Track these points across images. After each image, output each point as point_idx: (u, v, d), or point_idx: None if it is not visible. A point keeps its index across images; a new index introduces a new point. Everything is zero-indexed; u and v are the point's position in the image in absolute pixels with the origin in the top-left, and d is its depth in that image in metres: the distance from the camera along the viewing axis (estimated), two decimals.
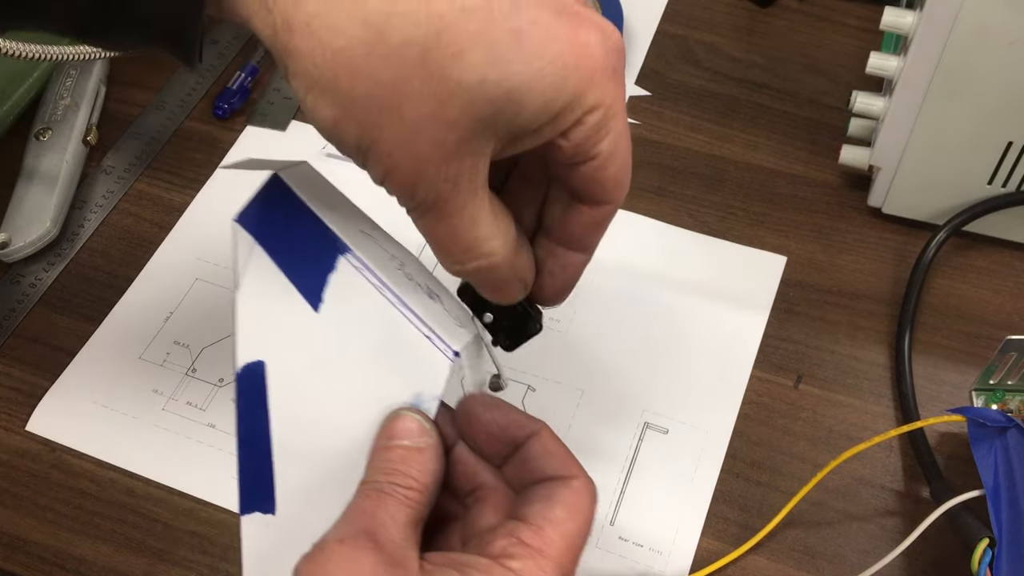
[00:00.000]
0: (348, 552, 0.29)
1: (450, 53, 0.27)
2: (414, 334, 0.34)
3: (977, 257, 0.54)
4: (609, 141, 0.30)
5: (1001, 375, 0.47)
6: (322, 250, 0.34)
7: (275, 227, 0.34)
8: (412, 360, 0.34)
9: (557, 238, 0.34)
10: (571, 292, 0.36)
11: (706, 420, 0.49)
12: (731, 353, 0.52)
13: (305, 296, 0.34)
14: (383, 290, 0.34)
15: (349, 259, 0.34)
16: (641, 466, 0.48)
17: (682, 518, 0.47)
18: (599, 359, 0.52)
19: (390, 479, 0.31)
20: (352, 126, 0.29)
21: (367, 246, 0.35)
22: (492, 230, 0.32)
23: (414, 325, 0.34)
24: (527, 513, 0.31)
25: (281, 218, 0.34)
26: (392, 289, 0.34)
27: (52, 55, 0.52)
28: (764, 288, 0.54)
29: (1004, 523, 0.39)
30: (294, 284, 0.34)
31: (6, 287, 0.56)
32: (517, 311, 0.36)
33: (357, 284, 0.34)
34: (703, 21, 0.67)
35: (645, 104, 0.62)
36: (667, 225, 0.57)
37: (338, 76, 0.28)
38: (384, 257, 0.35)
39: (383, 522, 0.30)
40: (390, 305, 0.34)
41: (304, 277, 0.34)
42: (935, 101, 0.48)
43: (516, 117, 0.29)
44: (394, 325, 0.34)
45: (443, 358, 0.34)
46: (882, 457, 0.48)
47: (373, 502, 0.31)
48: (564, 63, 0.28)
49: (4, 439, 0.51)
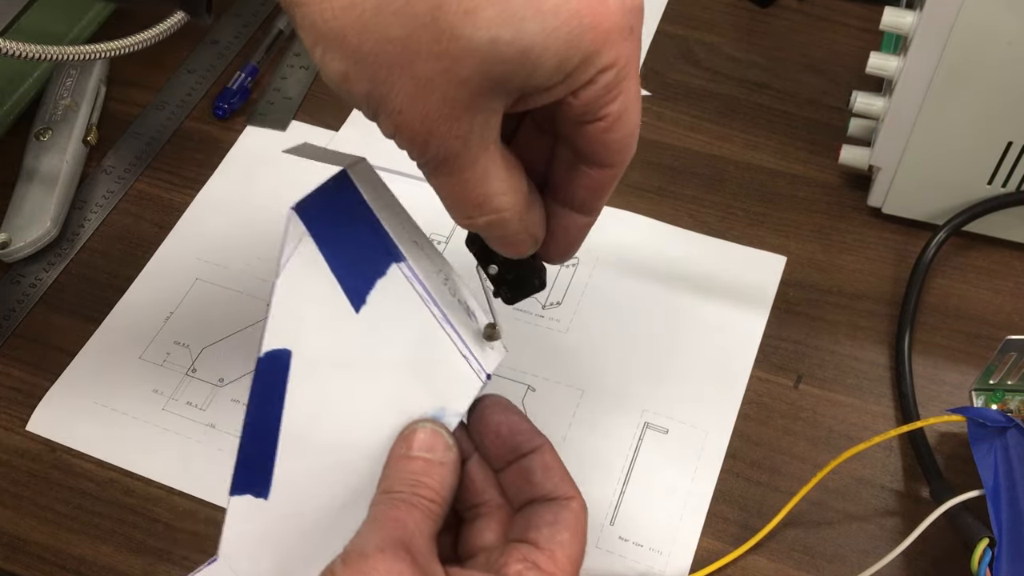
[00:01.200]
0: (390, 562, 0.29)
1: (462, 10, 0.27)
2: (452, 351, 0.34)
3: (977, 257, 0.54)
4: (619, 103, 0.29)
5: (1001, 375, 0.47)
6: (376, 254, 0.34)
7: (332, 222, 0.33)
8: (444, 375, 0.35)
9: (561, 199, 0.34)
10: (576, 251, 0.35)
11: (706, 420, 0.49)
12: (731, 353, 0.52)
13: (348, 295, 0.33)
14: (429, 304, 0.34)
15: (402, 268, 0.34)
16: (641, 466, 0.48)
17: (682, 518, 0.47)
18: (599, 359, 0.52)
19: (415, 491, 0.32)
20: (362, 81, 0.28)
21: (418, 257, 0.35)
22: (504, 185, 0.31)
23: (453, 343, 0.35)
24: (538, 538, 0.32)
25: (340, 214, 0.34)
26: (438, 304, 0.35)
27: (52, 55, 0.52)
28: (764, 288, 0.54)
29: (1004, 523, 0.39)
30: (339, 281, 0.34)
31: (6, 287, 0.56)
32: (523, 266, 0.35)
33: (404, 294, 0.34)
34: (703, 21, 0.67)
35: (645, 104, 0.62)
36: (667, 225, 0.57)
37: (346, 32, 0.27)
38: (432, 269, 0.35)
39: (414, 533, 0.30)
40: (433, 319, 0.34)
41: (351, 276, 0.34)
42: (935, 101, 0.48)
43: (529, 77, 0.28)
44: (433, 339, 0.34)
45: (475, 379, 0.35)
46: (882, 457, 0.48)
47: (404, 512, 0.31)
48: (580, 21, 0.27)
49: (4, 439, 0.51)
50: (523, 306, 0.53)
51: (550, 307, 0.54)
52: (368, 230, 0.34)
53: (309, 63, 0.66)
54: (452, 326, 0.35)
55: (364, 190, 0.34)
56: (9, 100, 0.62)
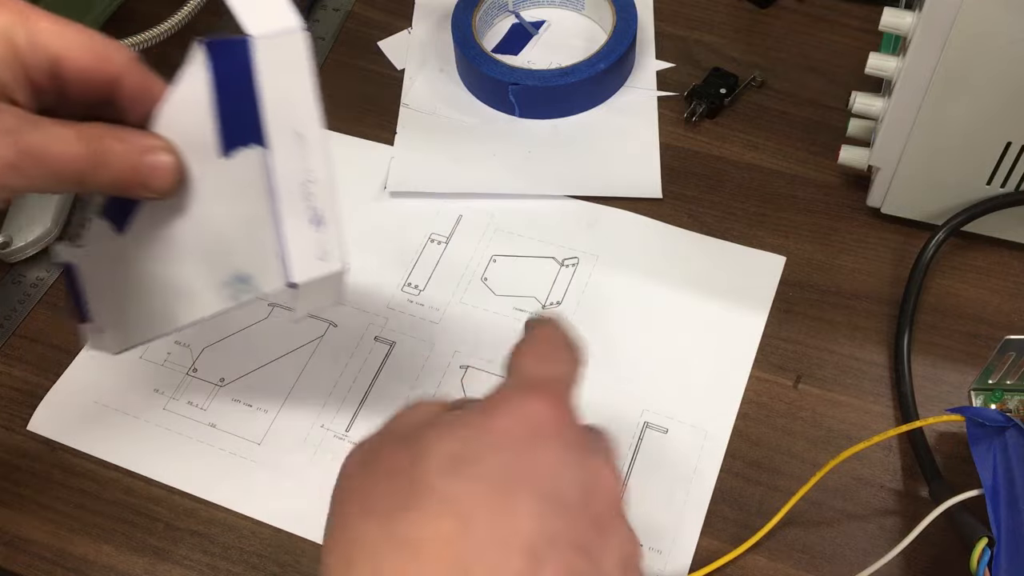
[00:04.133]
0: None
1: None
2: (268, 246, 0.35)
3: (976, 257, 0.54)
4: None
5: (1000, 375, 0.47)
6: (250, 125, 0.35)
7: (226, 75, 0.34)
8: (254, 256, 0.36)
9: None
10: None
11: (706, 420, 0.49)
12: (730, 352, 0.52)
13: (221, 140, 0.35)
14: (269, 197, 0.35)
15: (262, 154, 0.35)
16: (641, 466, 0.48)
17: (682, 517, 0.47)
18: (598, 359, 0.52)
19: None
20: None
21: (286, 151, 0.35)
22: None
23: (274, 239, 0.35)
24: None
25: (235, 73, 0.34)
26: (277, 200, 0.35)
27: None
28: (764, 288, 0.54)
29: (1003, 522, 0.39)
30: (217, 122, 0.35)
31: (7, 287, 0.56)
32: None
33: (250, 177, 0.35)
34: (703, 21, 0.67)
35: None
36: (666, 225, 0.57)
37: None
38: (295, 167, 0.35)
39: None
40: (265, 211, 0.35)
41: (227, 127, 0.35)
42: (934, 101, 0.48)
43: None
44: (256, 225, 0.35)
45: (278, 279, 0.36)
46: (881, 457, 0.48)
47: None
48: None
49: (5, 439, 0.51)
50: (523, 305, 0.54)
51: (550, 307, 0.54)
52: (250, 101, 0.34)
53: None
54: (279, 225, 0.35)
55: (264, 65, 0.34)
56: None
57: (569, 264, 0.55)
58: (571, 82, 0.60)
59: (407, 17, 0.68)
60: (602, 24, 0.65)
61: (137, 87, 0.36)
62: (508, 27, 0.67)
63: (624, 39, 0.61)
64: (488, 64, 0.61)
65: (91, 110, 0.36)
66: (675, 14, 0.67)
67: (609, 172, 0.59)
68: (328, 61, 0.66)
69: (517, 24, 0.67)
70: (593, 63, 0.60)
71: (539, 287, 0.55)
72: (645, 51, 0.65)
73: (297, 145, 0.35)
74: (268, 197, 0.35)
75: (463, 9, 0.64)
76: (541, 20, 0.67)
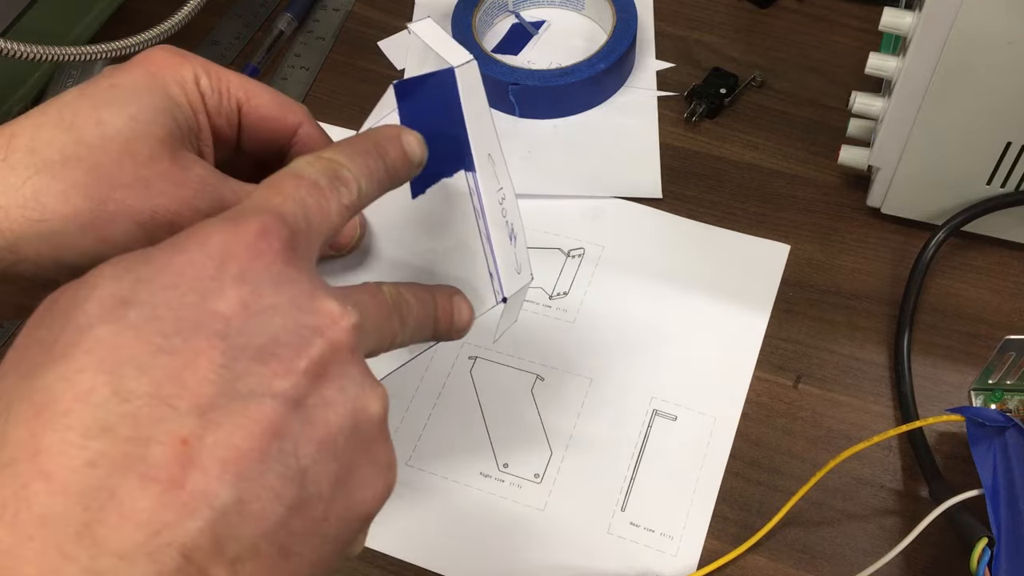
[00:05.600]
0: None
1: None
2: (482, 267, 0.36)
3: (976, 257, 0.54)
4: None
5: (1000, 375, 0.47)
6: (450, 155, 0.35)
7: (422, 111, 0.34)
8: (465, 284, 0.36)
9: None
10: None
11: (714, 407, 0.50)
12: (737, 339, 0.52)
13: (411, 180, 0.34)
14: (479, 218, 0.36)
15: (468, 178, 0.35)
16: (651, 453, 0.48)
17: (692, 503, 0.47)
18: (606, 348, 0.52)
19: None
20: None
21: (487, 170, 0.36)
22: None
23: (486, 259, 0.36)
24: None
25: (433, 107, 0.34)
26: (487, 221, 0.36)
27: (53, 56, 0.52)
28: (769, 276, 0.54)
29: (1003, 522, 0.39)
30: None
31: None
32: None
33: (461, 201, 0.36)
34: (703, 21, 0.67)
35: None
36: (670, 215, 0.57)
37: None
38: (494, 187, 0.36)
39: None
40: (477, 233, 0.36)
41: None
42: (934, 101, 0.48)
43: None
44: (470, 250, 0.36)
45: (491, 298, 0.37)
46: (881, 457, 0.48)
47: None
48: None
49: None
50: (530, 296, 0.54)
51: (557, 297, 0.54)
52: (451, 131, 0.35)
53: (310, 64, 0.66)
54: (491, 244, 0.36)
55: (463, 92, 0.35)
56: (10, 101, 0.62)
57: (575, 255, 0.56)
58: (571, 82, 0.60)
59: (407, 17, 0.68)
60: (602, 24, 0.65)
61: (312, 140, 0.35)
62: (508, 27, 0.67)
63: (624, 39, 0.62)
64: (488, 64, 0.61)
65: (259, 167, 0.35)
66: (675, 14, 0.67)
67: (609, 172, 0.59)
68: (328, 61, 0.66)
69: (517, 24, 0.67)
70: (593, 63, 0.60)
71: (546, 278, 0.55)
72: (645, 51, 0.65)
73: (490, 164, 0.36)
74: (480, 220, 0.36)
75: (463, 9, 0.64)
76: (541, 20, 0.67)
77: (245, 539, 0.23)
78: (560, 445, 0.49)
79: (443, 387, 0.51)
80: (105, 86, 0.32)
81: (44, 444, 0.22)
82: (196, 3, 0.58)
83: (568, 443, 0.49)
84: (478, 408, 0.50)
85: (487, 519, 0.47)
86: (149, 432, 0.23)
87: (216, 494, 0.23)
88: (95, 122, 0.31)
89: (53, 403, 0.23)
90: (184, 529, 0.22)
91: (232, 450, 0.23)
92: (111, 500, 0.22)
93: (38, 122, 0.31)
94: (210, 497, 0.23)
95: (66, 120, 0.30)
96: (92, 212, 0.30)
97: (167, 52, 0.33)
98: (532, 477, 0.48)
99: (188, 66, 0.33)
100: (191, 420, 0.23)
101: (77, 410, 0.22)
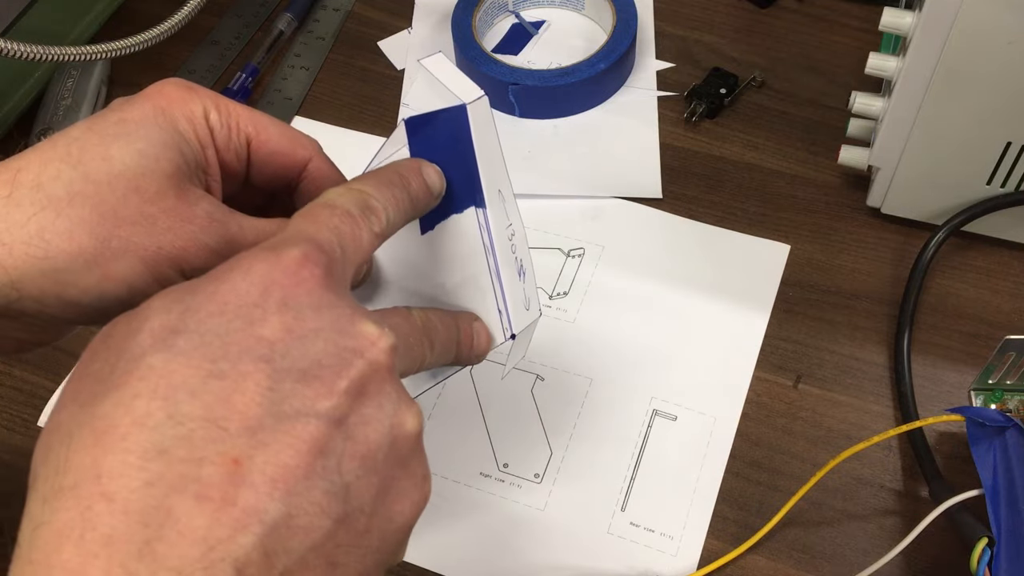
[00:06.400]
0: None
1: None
2: (491, 303, 0.36)
3: (976, 257, 0.55)
4: None
5: (1000, 375, 0.47)
6: (460, 191, 0.35)
7: (433, 147, 0.34)
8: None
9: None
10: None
11: (714, 407, 0.50)
12: (737, 339, 0.52)
13: (420, 216, 0.34)
14: (489, 254, 0.36)
15: (478, 214, 0.35)
16: (651, 453, 0.48)
17: (692, 503, 0.47)
18: (607, 348, 0.52)
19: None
20: None
21: (497, 207, 0.36)
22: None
23: (495, 295, 0.36)
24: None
25: (443, 142, 0.34)
26: (497, 257, 0.36)
27: (53, 55, 0.52)
28: (768, 276, 0.54)
29: (1003, 522, 0.39)
30: None
31: None
32: None
33: (471, 237, 0.35)
34: (703, 21, 0.67)
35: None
36: (670, 215, 0.57)
37: None
38: (503, 223, 0.36)
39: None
40: (487, 269, 0.36)
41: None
42: (934, 101, 0.48)
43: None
44: (478, 286, 0.36)
45: (500, 335, 0.37)
46: (881, 457, 0.48)
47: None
48: None
49: (6, 439, 0.51)
50: None
51: (557, 297, 0.54)
52: (462, 167, 0.35)
53: (310, 64, 0.66)
54: (500, 281, 0.36)
55: (475, 128, 0.34)
56: (10, 101, 0.62)
57: (575, 255, 0.56)
58: (571, 82, 0.60)
59: (407, 17, 0.69)
60: (602, 24, 0.65)
61: (323, 175, 0.35)
62: (508, 27, 0.67)
63: (624, 39, 0.62)
64: (488, 64, 0.61)
65: (268, 200, 0.36)
66: (675, 14, 0.67)
67: (609, 172, 0.59)
68: (328, 61, 0.66)
69: (517, 24, 0.67)
70: (593, 63, 0.60)
71: (546, 278, 0.55)
72: (645, 51, 0.65)
73: (500, 201, 0.36)
74: (489, 256, 0.36)
75: (463, 9, 0.64)
76: (541, 20, 0.67)
77: (294, 552, 0.24)
78: (560, 445, 0.49)
79: (443, 387, 0.51)
80: (113, 120, 0.32)
81: (105, 467, 0.23)
82: (196, 3, 0.58)
83: (568, 443, 0.49)
84: (478, 408, 0.50)
85: (487, 519, 0.47)
86: (202, 453, 0.24)
87: (266, 510, 0.24)
88: (102, 158, 0.31)
89: (112, 429, 0.24)
90: (237, 544, 0.23)
91: (280, 468, 0.24)
92: (169, 518, 0.23)
93: (45, 157, 0.31)
94: (260, 513, 0.24)
95: (73, 156, 0.31)
96: (96, 249, 0.30)
97: (177, 86, 0.33)
98: (532, 477, 0.48)
99: (198, 100, 0.33)
100: (241, 440, 0.24)
101: (135, 434, 0.24)
